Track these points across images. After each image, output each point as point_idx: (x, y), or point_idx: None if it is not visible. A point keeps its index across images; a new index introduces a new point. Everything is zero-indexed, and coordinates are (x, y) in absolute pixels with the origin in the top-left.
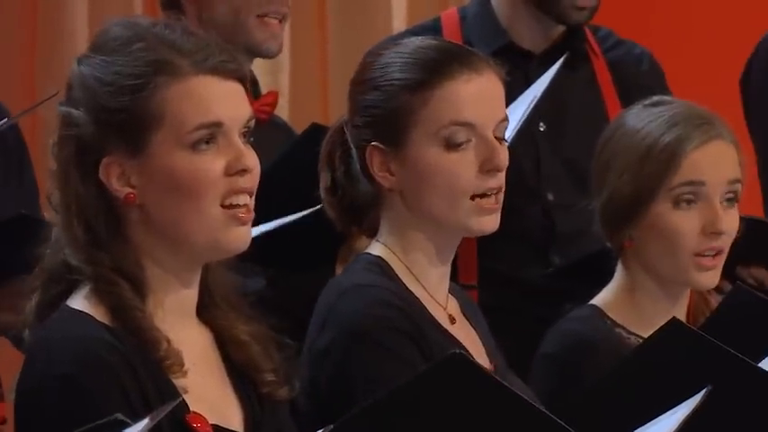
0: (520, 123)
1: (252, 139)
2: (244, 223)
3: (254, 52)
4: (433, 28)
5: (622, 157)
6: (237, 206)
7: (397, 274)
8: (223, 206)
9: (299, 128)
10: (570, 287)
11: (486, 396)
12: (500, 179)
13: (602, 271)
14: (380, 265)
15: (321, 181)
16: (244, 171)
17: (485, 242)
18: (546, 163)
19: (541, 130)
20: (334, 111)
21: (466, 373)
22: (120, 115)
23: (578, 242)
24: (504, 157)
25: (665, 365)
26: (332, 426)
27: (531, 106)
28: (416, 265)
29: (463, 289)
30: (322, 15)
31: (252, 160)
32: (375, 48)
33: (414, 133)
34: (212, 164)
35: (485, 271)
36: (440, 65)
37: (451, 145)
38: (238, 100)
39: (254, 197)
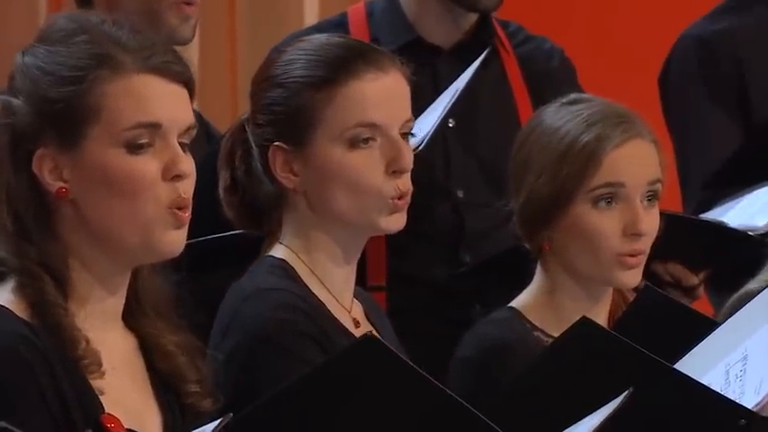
0: (438, 121)
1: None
2: (181, 225)
3: (169, 40)
4: (340, 24)
5: (540, 157)
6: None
7: (300, 277)
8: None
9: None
10: (481, 288)
11: (398, 380)
12: (406, 181)
13: (514, 270)
14: (284, 267)
15: (221, 180)
16: (179, 176)
17: (393, 242)
18: (456, 160)
19: (451, 126)
20: (243, 107)
21: (378, 356)
22: (58, 106)
23: (489, 241)
24: (409, 158)
25: (575, 365)
26: (231, 413)
27: (451, 103)
28: (320, 268)
29: (372, 291)
30: (231, 10)
31: (188, 166)
32: (280, 44)
33: (318, 132)
34: (147, 165)
35: (394, 271)
36: (345, 62)
37: (356, 144)
38: (180, 103)
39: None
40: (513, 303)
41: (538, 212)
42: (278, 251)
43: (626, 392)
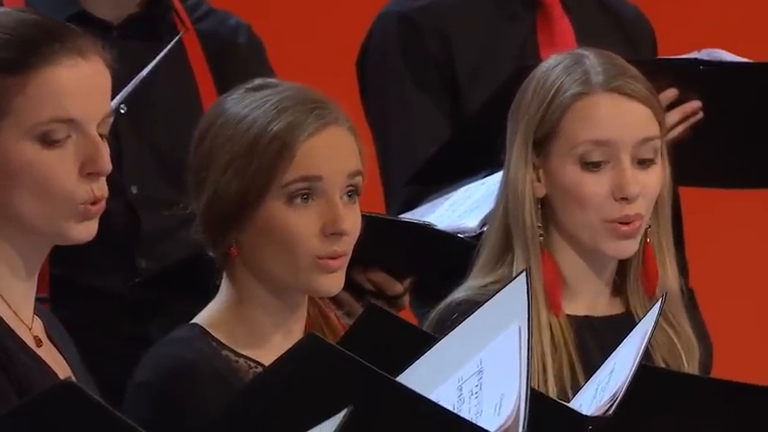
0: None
1: None
2: None
3: None
4: None
5: (225, 151)
6: None
7: None
8: None
9: None
10: (164, 299)
11: (98, 426)
12: (102, 185)
13: (200, 279)
14: None
15: None
16: None
17: (56, 245)
18: (128, 151)
19: (122, 112)
20: None
21: (76, 402)
22: None
23: (169, 243)
24: (106, 159)
25: (300, 384)
26: None
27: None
28: None
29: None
30: None
31: None
32: None
33: (4, 124)
34: None
35: (58, 280)
36: (40, 45)
37: (50, 142)
38: None
39: None
40: (197, 319)
41: (225, 213)
42: None
43: (347, 410)
